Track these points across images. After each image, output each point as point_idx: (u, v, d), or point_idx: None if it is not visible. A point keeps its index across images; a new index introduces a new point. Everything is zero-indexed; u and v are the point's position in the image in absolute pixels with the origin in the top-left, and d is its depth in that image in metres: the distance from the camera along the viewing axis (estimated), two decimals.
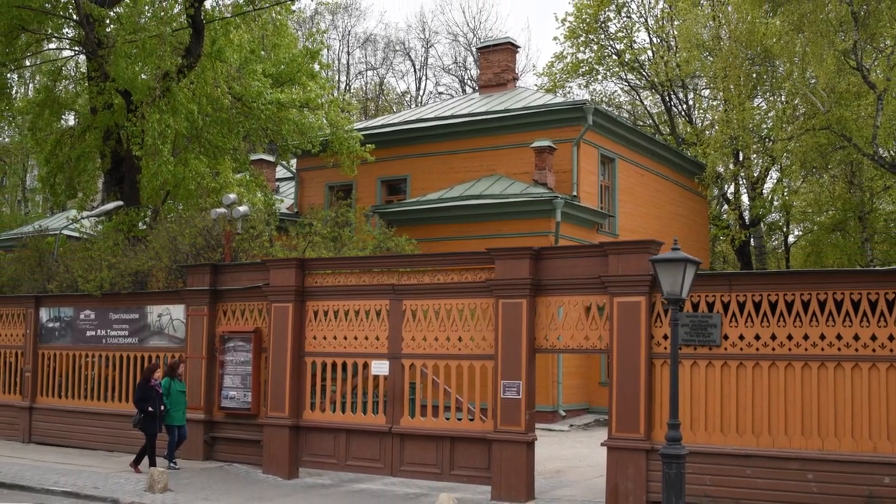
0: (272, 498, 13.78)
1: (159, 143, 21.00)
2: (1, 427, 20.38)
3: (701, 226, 35.48)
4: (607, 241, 14.65)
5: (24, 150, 35.94)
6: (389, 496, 13.99)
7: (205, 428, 17.10)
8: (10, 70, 24.01)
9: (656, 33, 42.42)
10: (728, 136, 32.06)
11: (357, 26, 64.78)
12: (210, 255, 19.28)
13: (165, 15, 21.35)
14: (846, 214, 35.37)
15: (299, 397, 15.72)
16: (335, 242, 21.30)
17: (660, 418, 12.54)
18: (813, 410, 11.88)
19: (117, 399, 18.58)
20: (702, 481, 12.16)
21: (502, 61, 31.64)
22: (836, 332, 11.83)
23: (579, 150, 26.17)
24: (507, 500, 13.36)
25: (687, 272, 10.64)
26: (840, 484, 11.57)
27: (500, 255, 13.89)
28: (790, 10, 25.76)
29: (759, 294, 12.33)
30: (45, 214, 39.67)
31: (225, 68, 22.20)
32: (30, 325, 20.13)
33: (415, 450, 14.50)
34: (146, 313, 18.43)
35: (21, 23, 21.89)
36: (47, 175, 25.00)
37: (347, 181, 29.13)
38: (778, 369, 12.11)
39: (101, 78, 21.92)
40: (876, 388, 11.60)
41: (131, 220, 22.71)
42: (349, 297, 15.43)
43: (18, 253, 23.78)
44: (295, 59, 25.69)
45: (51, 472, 15.85)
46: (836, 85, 25.86)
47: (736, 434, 12.25)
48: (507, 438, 13.54)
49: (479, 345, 14.16)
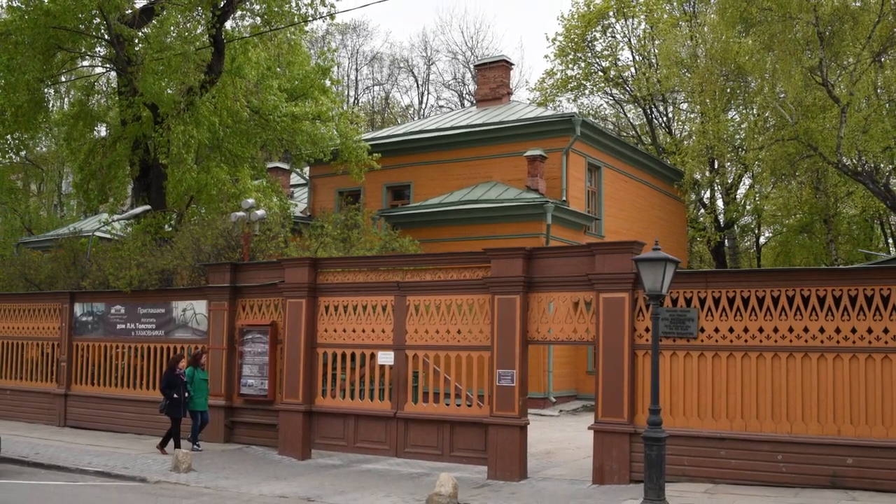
0: (287, 477, 13.78)
1: (184, 152, 21.01)
2: (39, 412, 20.39)
3: (679, 228, 35.47)
4: (594, 242, 14.65)
5: (60, 159, 35.88)
6: (394, 476, 14.00)
7: (225, 413, 17.11)
8: (47, 85, 23.94)
9: (639, 52, 42.42)
10: (704, 146, 32.06)
11: (364, 45, 64.71)
12: (230, 255, 19.28)
13: (189, 35, 21.32)
14: (812, 218, 35.40)
15: (312, 385, 15.72)
16: (345, 243, 21.30)
17: (642, 404, 12.53)
18: (782, 397, 11.88)
19: (145, 386, 18.59)
20: (680, 462, 12.17)
21: (498, 77, 31.63)
22: (804, 326, 11.85)
23: (568, 158, 26.17)
24: (503, 479, 13.36)
25: (667, 270, 10.64)
26: (807, 464, 11.58)
27: (496, 254, 13.90)
28: (761, 31, 25.74)
29: (733, 290, 12.33)
30: (79, 218, 39.63)
31: (244, 84, 22.20)
32: (65, 319, 20.13)
33: (418, 433, 14.50)
34: (172, 308, 18.44)
35: (57, 42, 21.86)
36: (81, 181, 24.97)
37: (356, 187, 29.14)
38: (750, 359, 12.12)
39: (131, 92, 21.90)
40: (840, 376, 11.60)
41: (158, 222, 22.69)
42: (357, 293, 15.43)
43: (55, 253, 23.82)
44: (308, 76, 25.68)
45: (84, 453, 15.87)
46: (804, 99, 25.84)
47: (711, 419, 12.25)
48: (502, 423, 13.54)
49: (477, 337, 14.16)
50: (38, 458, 15.21)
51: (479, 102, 32.15)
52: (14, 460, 15.11)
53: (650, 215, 31.74)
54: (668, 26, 38.14)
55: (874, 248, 35.32)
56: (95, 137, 25.83)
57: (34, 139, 27.64)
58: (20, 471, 14.56)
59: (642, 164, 31.59)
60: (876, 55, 25.79)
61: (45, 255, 25.41)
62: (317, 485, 13.11)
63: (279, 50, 23.51)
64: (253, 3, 22.19)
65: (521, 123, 26.94)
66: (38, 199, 42.98)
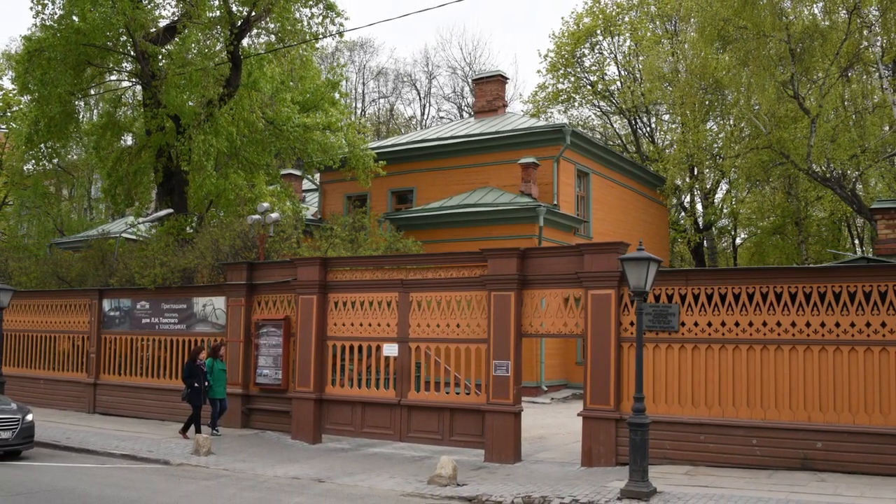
0: (299, 459, 13.77)
1: (204, 160, 21.00)
2: (69, 400, 20.40)
3: (662, 230, 35.45)
4: (583, 242, 14.64)
5: (90, 166, 35.79)
6: (398, 458, 13.99)
7: (242, 401, 17.10)
8: (77, 98, 23.94)
9: (624, 67, 42.38)
10: (685, 154, 32.02)
11: (371, 61, 64.47)
12: (247, 255, 19.28)
13: (209, 51, 21.33)
14: (784, 220, 35.38)
15: (322, 374, 15.71)
16: (352, 244, 21.29)
17: (627, 392, 12.53)
18: (756, 386, 11.88)
19: (168, 376, 18.59)
20: (662, 446, 12.17)
21: (494, 91, 31.60)
22: (776, 320, 11.84)
23: (559, 165, 26.15)
24: (498, 461, 13.36)
25: (650, 269, 10.64)
26: (779, 448, 11.58)
27: (492, 254, 13.89)
28: (737, 48, 25.72)
29: (711, 287, 12.33)
30: (107, 220, 39.57)
31: (259, 96, 22.19)
32: (94, 314, 20.12)
33: (420, 419, 14.50)
34: (193, 304, 18.43)
35: (87, 58, 21.87)
36: (109, 187, 24.97)
37: (363, 192, 29.11)
38: (727, 351, 12.11)
39: (155, 105, 21.90)
40: (810, 366, 11.61)
41: (180, 225, 22.69)
42: (364, 290, 15.43)
43: (85, 253, 23.82)
44: (318, 89, 25.67)
45: (112, 437, 15.87)
46: (776, 111, 25.81)
47: (691, 406, 12.25)
48: (498, 409, 13.54)
49: (475, 330, 14.15)
50: (69, 443, 15.22)
51: (476, 114, 32.12)
52: (47, 444, 15.13)
53: (635, 218, 31.71)
54: (651, 43, 38.11)
55: (842, 249, 35.29)
56: (122, 146, 25.85)
57: (66, 148, 27.58)
58: (53, 454, 14.58)
59: (627, 171, 31.57)
60: (843, 70, 25.78)
61: (75, 254, 25.39)
62: (327, 467, 13.11)
63: (292, 65, 23.51)
64: (268, 21, 22.21)
65: (515, 133, 26.93)
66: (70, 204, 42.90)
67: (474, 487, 11.32)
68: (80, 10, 20.15)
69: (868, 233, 34.47)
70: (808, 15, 25.38)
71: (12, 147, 33.91)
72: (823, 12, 25.39)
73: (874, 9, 24.60)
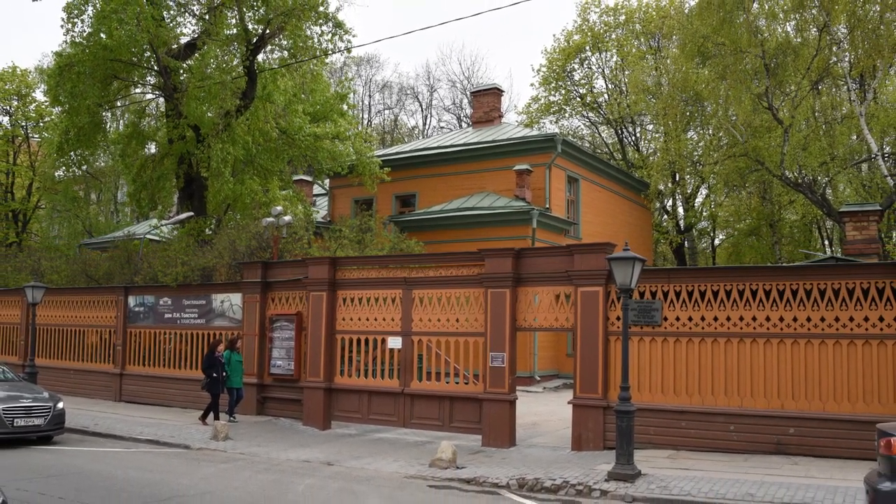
0: (310, 444, 13.77)
1: (222, 166, 21.01)
2: (98, 389, 20.40)
3: (646, 231, 35.44)
4: (573, 243, 14.65)
5: (116, 172, 35.80)
6: (402, 443, 13.99)
7: (257, 390, 17.10)
8: (104, 109, 23.96)
9: (611, 80, 42.38)
10: (667, 161, 32.06)
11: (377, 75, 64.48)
12: (261, 255, 19.28)
13: (226, 66, 21.33)
14: (759, 223, 35.37)
15: (332, 365, 15.72)
16: (359, 244, 21.29)
17: (614, 382, 12.53)
18: (733, 376, 11.89)
19: (189, 367, 18.59)
20: (647, 431, 12.17)
21: (490, 102, 31.59)
22: (752, 315, 11.85)
23: (551, 172, 26.15)
24: (495, 446, 13.36)
25: (635, 268, 10.64)
26: (755, 434, 11.59)
27: (489, 254, 13.89)
28: (716, 63, 25.73)
29: (692, 285, 12.33)
30: (132, 223, 39.59)
31: (273, 108, 22.20)
32: (120, 309, 20.13)
33: (422, 407, 14.50)
34: (211, 300, 18.43)
35: (113, 72, 21.87)
36: (134, 192, 24.97)
37: (369, 196, 29.12)
38: (706, 344, 12.12)
39: (176, 115, 21.91)
40: (783, 358, 11.62)
41: (200, 227, 22.69)
42: (370, 287, 15.43)
43: (111, 253, 23.81)
44: (328, 101, 25.69)
45: (136, 424, 15.87)
46: (752, 121, 25.82)
47: (673, 394, 12.26)
48: (494, 398, 13.54)
49: (473, 325, 14.15)
50: (97, 429, 15.21)
51: (474, 124, 32.10)
52: (77, 430, 15.12)
53: (621, 220, 31.71)
54: (636, 59, 38.16)
55: (813, 249, 35.28)
56: (146, 154, 25.85)
57: (94, 155, 27.61)
58: (82, 439, 14.58)
59: (614, 177, 31.56)
60: (814, 83, 25.79)
61: (103, 254, 25.39)
62: (336, 451, 13.11)
63: (304, 79, 23.53)
64: (281, 38, 22.22)
65: (510, 142, 26.92)
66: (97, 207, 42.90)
67: (472, 470, 11.32)
68: (107, 28, 20.16)
69: (837, 234, 34.48)
70: (782, 32, 25.39)
71: (45, 155, 33.94)
72: (796, 30, 25.42)
73: (843, 27, 24.62)
